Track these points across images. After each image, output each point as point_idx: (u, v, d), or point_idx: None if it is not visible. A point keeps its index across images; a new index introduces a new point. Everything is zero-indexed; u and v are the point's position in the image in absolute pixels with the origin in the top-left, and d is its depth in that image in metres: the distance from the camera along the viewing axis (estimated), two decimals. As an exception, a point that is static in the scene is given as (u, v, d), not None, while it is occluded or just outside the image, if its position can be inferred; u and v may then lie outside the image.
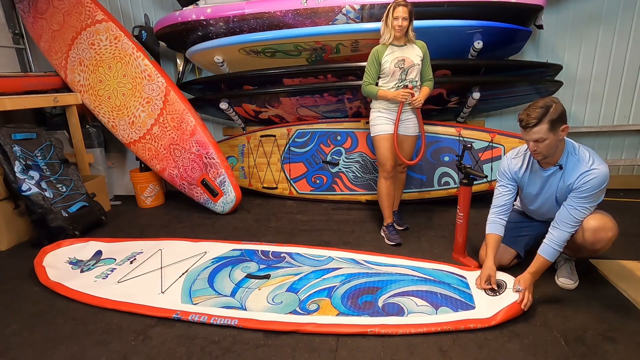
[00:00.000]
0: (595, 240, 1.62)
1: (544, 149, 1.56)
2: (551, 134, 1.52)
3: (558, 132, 1.53)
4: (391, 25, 2.15)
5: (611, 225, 1.62)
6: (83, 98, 3.11)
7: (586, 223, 1.62)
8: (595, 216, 1.63)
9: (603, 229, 1.60)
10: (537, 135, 1.53)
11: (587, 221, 1.62)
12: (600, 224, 1.61)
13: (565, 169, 1.63)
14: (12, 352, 1.51)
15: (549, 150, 1.57)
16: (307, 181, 3.22)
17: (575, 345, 1.42)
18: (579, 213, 1.60)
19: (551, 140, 1.54)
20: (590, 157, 1.59)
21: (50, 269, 2.11)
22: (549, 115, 1.50)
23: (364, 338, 1.50)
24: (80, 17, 2.97)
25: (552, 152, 1.59)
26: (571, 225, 1.61)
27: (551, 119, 1.50)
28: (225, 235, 2.61)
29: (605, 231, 1.60)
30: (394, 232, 2.37)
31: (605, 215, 1.66)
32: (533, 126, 1.52)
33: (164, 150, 3.02)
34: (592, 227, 1.61)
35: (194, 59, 3.16)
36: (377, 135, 2.32)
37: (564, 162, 1.63)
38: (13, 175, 2.44)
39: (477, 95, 2.74)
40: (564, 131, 1.54)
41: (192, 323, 1.64)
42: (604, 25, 2.97)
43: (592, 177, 1.54)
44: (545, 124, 1.50)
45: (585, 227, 1.62)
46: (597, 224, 1.61)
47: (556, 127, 1.52)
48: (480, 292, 1.71)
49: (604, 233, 1.60)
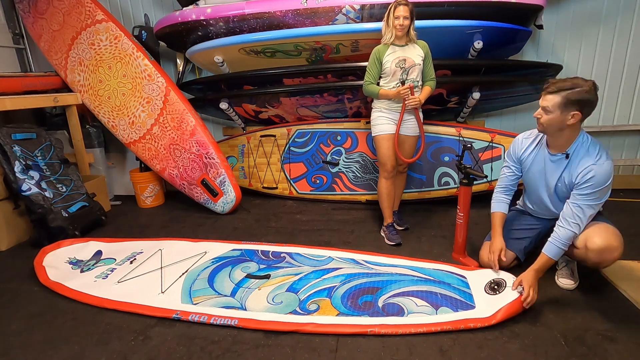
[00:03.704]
0: (600, 261, 1.58)
1: (545, 121, 1.53)
2: (559, 111, 1.48)
3: (568, 114, 1.49)
4: (392, 24, 2.15)
5: (616, 245, 1.55)
6: (83, 98, 3.11)
7: (591, 242, 1.56)
8: (600, 232, 1.57)
9: (608, 250, 1.54)
10: (546, 103, 1.50)
11: (592, 239, 1.56)
12: (605, 244, 1.54)
13: (572, 159, 1.60)
14: (12, 352, 1.51)
15: (549, 125, 1.53)
16: (307, 181, 3.22)
17: (575, 345, 1.42)
18: (582, 211, 1.56)
19: (556, 117, 1.50)
20: (598, 153, 1.55)
21: (50, 269, 2.11)
22: (569, 93, 1.45)
23: (364, 338, 1.50)
24: (80, 17, 2.97)
25: (553, 130, 1.56)
26: (576, 224, 1.58)
27: (568, 97, 1.46)
28: (225, 235, 2.61)
29: (610, 252, 1.55)
30: (394, 232, 2.37)
31: (610, 230, 1.60)
32: (548, 93, 1.49)
33: (164, 150, 3.02)
34: (596, 248, 1.55)
35: (194, 59, 3.16)
36: (378, 135, 2.32)
37: (572, 152, 1.59)
38: (13, 175, 2.44)
39: (477, 95, 2.74)
40: (574, 118, 1.50)
41: (192, 323, 1.64)
42: (604, 25, 2.96)
43: (595, 173, 1.51)
44: (559, 97, 1.47)
45: (590, 246, 1.56)
46: (602, 243, 1.54)
47: (568, 108, 1.47)
48: (480, 292, 1.70)
49: (609, 254, 1.55)
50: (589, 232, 1.60)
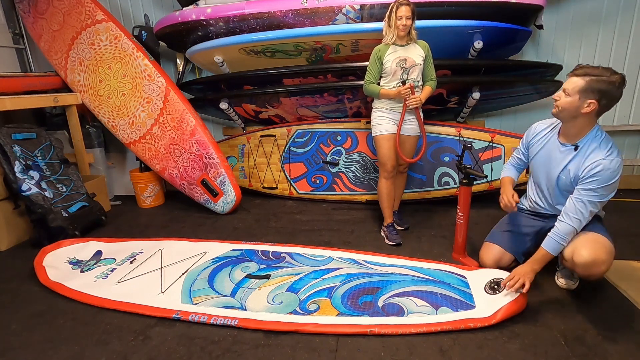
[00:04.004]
0: (587, 274, 1.56)
1: (561, 104, 1.52)
2: (577, 95, 1.47)
3: (584, 101, 1.47)
4: (394, 25, 2.14)
5: (603, 259, 1.51)
6: (83, 98, 3.11)
7: (577, 255, 1.53)
8: (589, 244, 1.54)
9: (595, 264, 1.51)
10: (568, 85, 1.50)
11: (578, 252, 1.53)
12: (591, 258, 1.50)
13: (581, 152, 1.58)
14: (12, 352, 1.51)
15: (564, 109, 1.53)
16: (307, 181, 3.22)
17: (575, 345, 1.42)
18: (585, 207, 1.54)
19: (573, 102, 1.49)
20: (610, 149, 1.53)
21: (50, 269, 2.11)
22: (593, 80, 1.44)
23: (364, 338, 1.50)
24: (80, 17, 2.97)
25: (566, 116, 1.55)
26: (577, 219, 1.56)
27: (591, 83, 1.44)
28: (225, 235, 2.61)
29: (597, 265, 1.51)
30: (394, 232, 2.37)
31: (600, 241, 1.57)
32: (574, 75, 1.49)
33: (164, 150, 3.02)
34: (582, 262, 1.52)
35: (194, 59, 3.16)
36: (379, 135, 2.32)
37: (582, 145, 1.58)
38: (13, 175, 2.44)
39: (477, 95, 2.74)
40: (589, 107, 1.48)
41: (192, 323, 1.64)
42: (604, 25, 2.97)
43: (602, 168, 1.49)
44: (582, 82, 1.46)
45: (576, 260, 1.53)
46: (588, 257, 1.50)
47: (587, 95, 1.46)
48: (480, 292, 1.70)
49: (596, 268, 1.52)
50: (577, 243, 1.57)
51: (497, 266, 1.87)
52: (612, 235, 1.65)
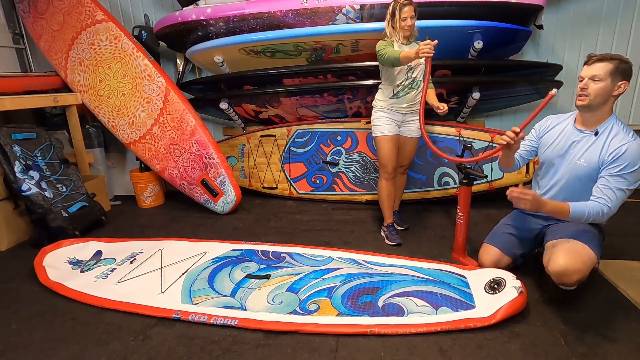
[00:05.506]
0: (560, 282, 1.55)
1: (593, 92, 1.49)
2: (610, 78, 1.46)
3: (617, 83, 1.47)
4: (399, 26, 2.11)
5: (575, 269, 1.48)
6: (83, 98, 3.10)
7: (552, 263, 1.52)
8: (566, 252, 1.52)
9: (566, 274, 1.49)
10: (596, 71, 1.47)
11: (554, 260, 1.52)
12: (564, 267, 1.49)
13: (601, 135, 1.55)
14: (12, 352, 1.51)
15: (598, 94, 1.49)
16: (307, 181, 3.22)
17: (575, 345, 1.42)
18: (613, 193, 1.49)
19: (606, 86, 1.47)
20: (633, 134, 1.52)
21: (50, 269, 2.11)
22: (618, 62, 1.45)
23: (364, 338, 1.50)
24: (80, 17, 2.97)
25: (599, 102, 1.51)
26: (606, 204, 1.50)
27: (619, 64, 1.45)
28: (226, 235, 2.61)
29: (569, 276, 1.49)
30: (394, 232, 2.37)
31: (579, 250, 1.53)
32: (597, 61, 1.47)
33: (164, 150, 3.02)
34: (556, 271, 1.51)
35: (194, 59, 3.16)
36: (379, 136, 2.30)
37: (604, 130, 1.55)
38: (13, 175, 2.43)
39: (477, 95, 2.74)
40: (621, 87, 1.48)
41: (192, 323, 1.64)
42: (604, 25, 2.97)
43: (628, 148, 1.47)
44: (611, 65, 1.45)
45: (550, 268, 1.53)
46: (563, 265, 1.49)
47: (617, 76, 1.46)
48: (480, 291, 1.70)
49: (567, 278, 1.50)
50: (555, 251, 1.55)
51: (495, 268, 1.87)
52: (612, 236, 1.64)
